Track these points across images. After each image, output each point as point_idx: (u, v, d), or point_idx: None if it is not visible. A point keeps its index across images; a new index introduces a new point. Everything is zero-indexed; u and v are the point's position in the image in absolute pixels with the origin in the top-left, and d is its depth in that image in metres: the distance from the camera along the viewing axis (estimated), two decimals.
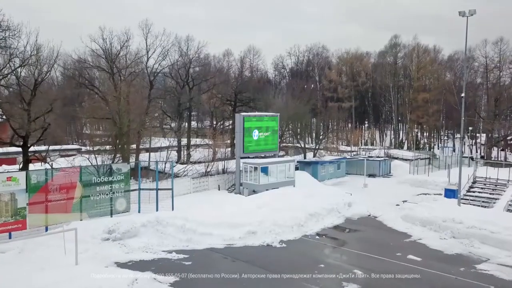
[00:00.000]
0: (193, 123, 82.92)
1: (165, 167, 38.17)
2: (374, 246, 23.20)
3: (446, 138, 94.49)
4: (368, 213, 30.64)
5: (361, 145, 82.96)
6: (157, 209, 27.23)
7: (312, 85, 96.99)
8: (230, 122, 59.36)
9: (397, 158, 58.01)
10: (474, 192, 33.59)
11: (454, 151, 76.97)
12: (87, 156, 33.50)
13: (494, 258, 21.31)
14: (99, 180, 25.68)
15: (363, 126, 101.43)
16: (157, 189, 27.84)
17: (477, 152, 77.24)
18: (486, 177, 35.04)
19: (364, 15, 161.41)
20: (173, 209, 27.49)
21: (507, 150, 70.82)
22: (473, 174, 35.52)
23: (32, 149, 33.24)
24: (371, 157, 54.15)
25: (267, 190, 33.98)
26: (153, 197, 28.24)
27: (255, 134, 38.29)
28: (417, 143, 79.50)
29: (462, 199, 31.10)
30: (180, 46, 60.70)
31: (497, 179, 34.52)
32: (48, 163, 29.69)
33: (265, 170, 36.96)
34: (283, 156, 54.76)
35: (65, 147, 48.48)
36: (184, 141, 58.97)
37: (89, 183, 25.21)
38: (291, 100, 67.04)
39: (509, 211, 28.87)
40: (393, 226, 27.47)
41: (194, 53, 61.44)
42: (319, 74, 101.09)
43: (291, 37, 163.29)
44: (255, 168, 36.12)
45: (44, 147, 43.98)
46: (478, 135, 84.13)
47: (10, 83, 32.67)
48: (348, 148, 71.35)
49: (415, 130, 77.72)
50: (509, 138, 71.66)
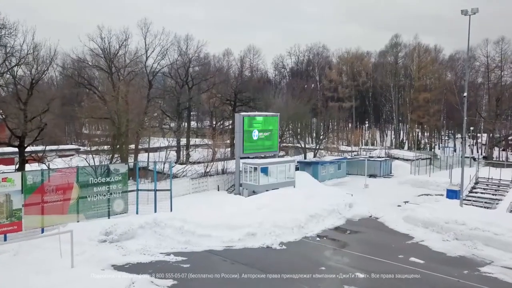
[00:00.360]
0: (193, 123, 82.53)
1: (163, 167, 37.82)
2: (375, 248, 22.82)
3: (447, 138, 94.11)
4: (369, 214, 30.27)
5: (362, 145, 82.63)
6: (155, 210, 26.88)
7: (313, 85, 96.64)
8: (230, 122, 58.98)
9: (398, 158, 57.64)
10: (476, 192, 33.19)
11: (455, 151, 76.62)
12: (84, 156, 33.10)
13: (498, 261, 20.92)
14: (96, 181, 25.33)
15: (364, 126, 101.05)
16: (155, 190, 27.49)
17: (478, 152, 76.85)
18: (488, 178, 34.64)
19: (364, 15, 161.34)
20: (171, 210, 27.13)
21: (508, 150, 70.39)
22: (475, 175, 35.11)
23: (29, 149, 32.91)
24: (371, 157, 53.78)
25: (267, 190, 33.64)
26: (151, 198, 27.90)
27: (255, 134, 37.96)
28: (418, 143, 79.13)
29: (464, 200, 30.73)
30: (179, 45, 60.32)
31: (499, 179, 34.13)
32: (45, 163, 29.28)
33: (265, 171, 36.61)
34: (283, 156, 54.40)
35: (63, 147, 48.09)
36: (184, 141, 58.57)
37: (86, 184, 24.86)
38: (291, 100, 66.64)
39: None
40: (394, 228, 27.10)
41: (194, 52, 61.07)
42: (319, 73, 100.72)
43: (291, 37, 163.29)
44: (255, 169, 35.77)
45: (42, 147, 43.66)
46: (479, 135, 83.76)
47: (7, 82, 32.28)
48: (349, 148, 71.00)
49: (416, 130, 77.28)
50: (510, 138, 71.22)
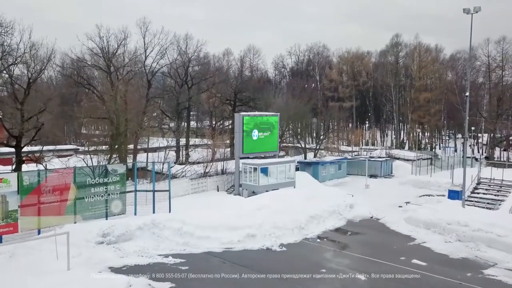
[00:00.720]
0: (193, 123, 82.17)
1: (162, 167, 37.48)
2: (377, 250, 22.50)
3: (447, 138, 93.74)
4: (370, 215, 29.96)
5: (362, 145, 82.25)
6: (153, 211, 26.53)
7: (313, 85, 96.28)
8: (230, 122, 58.57)
9: (398, 159, 57.24)
10: (478, 193, 32.79)
11: (456, 151, 76.24)
12: (82, 156, 32.73)
13: (502, 263, 20.61)
14: (94, 181, 24.96)
15: (364, 126, 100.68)
16: (154, 190, 27.13)
17: (479, 152, 76.48)
18: (490, 178, 34.25)
19: (364, 15, 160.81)
20: (170, 211, 26.77)
21: (509, 150, 70.00)
22: (477, 175, 34.71)
23: (27, 149, 32.58)
24: (372, 157, 53.39)
25: (267, 191, 33.32)
26: (150, 199, 27.53)
27: (255, 134, 37.61)
28: (418, 143, 78.76)
29: (466, 200, 30.36)
30: (178, 44, 59.84)
31: (502, 180, 33.72)
32: (42, 163, 28.91)
33: (265, 171, 36.26)
34: (283, 156, 54.03)
35: (61, 147, 47.72)
36: (183, 141, 58.19)
37: (83, 185, 24.48)
38: (292, 99, 66.26)
39: None
40: (396, 229, 26.79)
41: (193, 51, 60.61)
42: (319, 73, 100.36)
43: (291, 37, 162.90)
44: (255, 169, 35.42)
45: (40, 148, 43.30)
46: (479, 135, 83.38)
47: (5, 81, 31.91)
48: (349, 148, 70.60)
49: (418, 130, 76.90)
50: (511, 138, 70.83)
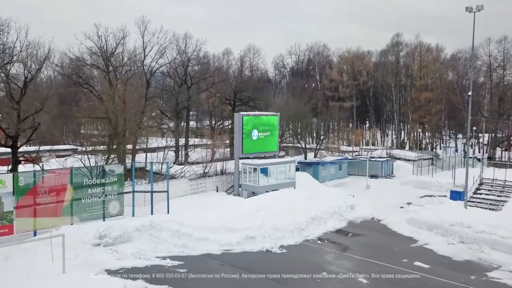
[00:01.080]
0: (192, 123, 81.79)
1: (161, 168, 37.08)
2: (378, 252, 22.11)
3: (448, 138, 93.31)
4: (372, 216, 29.57)
5: (363, 145, 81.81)
6: (152, 213, 26.13)
7: (313, 85, 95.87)
8: (230, 121, 58.17)
9: (399, 159, 56.81)
10: (481, 194, 32.39)
11: (457, 151, 75.81)
12: (80, 156, 32.31)
13: (506, 265, 20.23)
14: (91, 182, 24.57)
15: (364, 126, 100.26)
16: (152, 191, 26.73)
17: (479, 152, 76.04)
18: (493, 179, 33.86)
19: (364, 15, 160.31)
20: (168, 212, 26.39)
21: (511, 150, 69.57)
22: (479, 176, 34.31)
23: (24, 149, 32.18)
24: (373, 157, 52.99)
25: (267, 192, 32.94)
26: (148, 200, 27.13)
27: (255, 134, 37.21)
28: (419, 143, 78.34)
29: (468, 201, 29.96)
30: (178, 43, 59.33)
31: (504, 180, 33.31)
32: (38, 164, 28.49)
33: (265, 171, 35.86)
34: (283, 156, 53.67)
35: (58, 147, 47.31)
36: (182, 141, 57.77)
37: (80, 185, 24.10)
38: (292, 99, 65.83)
39: None
40: (398, 230, 26.40)
41: (193, 51, 60.10)
42: (320, 73, 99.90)
43: (291, 37, 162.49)
44: (255, 169, 35.01)
45: (37, 148, 42.88)
46: (480, 135, 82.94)
47: (0, 80, 31.45)
48: (349, 148, 70.17)
49: (419, 129, 76.45)
50: None
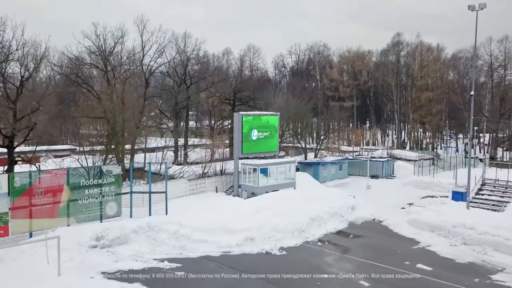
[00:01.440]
0: (192, 123, 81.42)
1: (160, 168, 36.73)
2: (380, 254, 21.74)
3: (449, 138, 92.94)
4: (373, 217, 29.19)
5: (363, 145, 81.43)
6: (150, 214, 25.79)
7: (313, 84, 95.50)
8: (229, 121, 57.80)
9: (400, 159, 56.41)
10: (483, 195, 32.06)
11: (457, 151, 75.43)
12: (77, 157, 31.93)
13: (510, 268, 19.86)
14: (88, 182, 24.24)
15: (365, 126, 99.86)
16: (150, 192, 26.38)
17: (480, 152, 75.66)
18: (495, 179, 33.51)
19: (364, 15, 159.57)
20: (166, 213, 26.04)
21: None
22: (481, 176, 33.97)
23: (21, 149, 31.82)
24: (373, 157, 52.62)
25: (266, 192, 32.61)
26: (146, 200, 26.77)
27: (254, 134, 36.86)
28: (420, 143, 77.95)
29: (470, 202, 29.63)
30: (177, 43, 58.87)
31: (507, 181, 32.98)
32: (35, 164, 28.12)
33: (264, 172, 35.52)
34: (283, 156, 53.32)
35: (56, 147, 46.88)
36: (182, 141, 57.38)
37: (77, 186, 23.78)
38: (292, 99, 65.43)
39: None
40: (399, 232, 26.02)
41: (192, 50, 59.65)
42: (320, 73, 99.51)
43: (291, 37, 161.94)
44: (254, 169, 34.68)
45: (39, 148, 42.47)
46: (481, 135, 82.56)
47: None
48: (350, 149, 69.79)
49: (420, 129, 76.03)
50: None
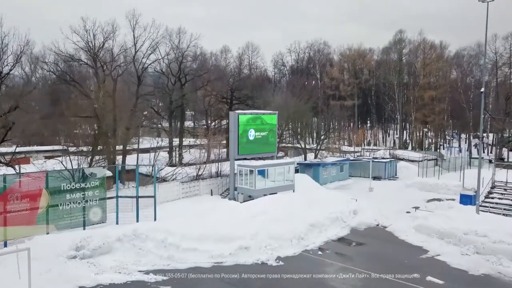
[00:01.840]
0: (189, 122, 79.50)
1: (152, 170, 34.87)
2: (386, 265, 19.95)
3: (452, 138, 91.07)
4: (376, 222, 27.44)
5: (364, 146, 79.59)
6: (137, 220, 24.00)
7: (313, 83, 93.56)
8: (226, 121, 55.91)
9: (403, 159, 54.67)
10: (493, 198, 30.33)
11: (461, 151, 73.60)
12: (60, 159, 30.16)
13: None
14: (69, 186, 22.46)
15: (366, 126, 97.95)
16: (137, 196, 24.56)
17: (484, 152, 73.82)
18: (506, 182, 31.74)
19: (364, 14, 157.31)
20: (155, 219, 24.27)
21: None
22: (491, 178, 32.22)
23: (4, 150, 30.06)
24: (376, 158, 50.87)
25: (264, 195, 30.92)
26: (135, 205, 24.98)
27: (251, 134, 35.20)
28: (423, 143, 76.08)
29: (480, 206, 27.87)
30: (171, 39, 56.59)
31: None
32: (13, 167, 26.32)
33: (262, 173, 33.84)
34: (282, 157, 51.71)
35: (44, 148, 45.03)
36: (177, 141, 55.45)
37: (58, 190, 22.05)
38: (291, 98, 63.55)
39: None
40: (405, 239, 24.26)
41: (186, 46, 57.48)
42: (320, 71, 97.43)
43: (291, 36, 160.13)
44: (251, 171, 32.99)
45: (26, 148, 40.71)
46: (484, 134, 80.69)
47: None
48: (351, 149, 67.89)
49: (425, 129, 74.14)
50: None
